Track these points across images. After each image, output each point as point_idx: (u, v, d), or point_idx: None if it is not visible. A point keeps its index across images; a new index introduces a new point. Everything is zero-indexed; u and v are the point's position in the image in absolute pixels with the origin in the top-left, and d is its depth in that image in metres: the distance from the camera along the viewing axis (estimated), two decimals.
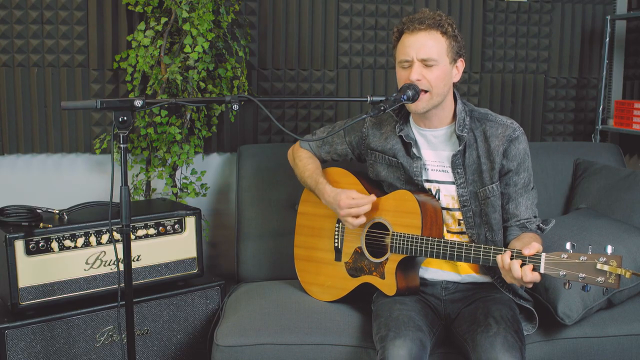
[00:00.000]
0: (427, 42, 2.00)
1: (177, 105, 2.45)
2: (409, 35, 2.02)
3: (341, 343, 2.11)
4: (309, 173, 2.33)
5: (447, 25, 2.02)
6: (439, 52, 2.01)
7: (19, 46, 2.72)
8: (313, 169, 2.34)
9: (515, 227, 2.10)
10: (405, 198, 2.11)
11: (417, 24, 2.00)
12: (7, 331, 2.10)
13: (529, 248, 1.79)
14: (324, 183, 2.26)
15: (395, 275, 2.10)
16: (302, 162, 2.37)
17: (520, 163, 2.08)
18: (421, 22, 2.00)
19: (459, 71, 2.09)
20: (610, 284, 1.66)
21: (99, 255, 2.27)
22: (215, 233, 3.02)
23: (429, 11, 2.05)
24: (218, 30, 2.73)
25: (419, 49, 2.00)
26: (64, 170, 2.89)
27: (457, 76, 2.09)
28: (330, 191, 2.22)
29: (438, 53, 2.00)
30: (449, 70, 2.05)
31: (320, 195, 2.27)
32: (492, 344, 1.84)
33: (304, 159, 2.38)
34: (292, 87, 2.99)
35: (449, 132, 2.13)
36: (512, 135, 2.07)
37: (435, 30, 2.00)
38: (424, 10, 2.06)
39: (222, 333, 2.14)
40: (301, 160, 2.38)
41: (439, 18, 2.02)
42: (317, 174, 2.31)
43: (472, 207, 2.11)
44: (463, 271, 2.15)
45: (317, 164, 2.37)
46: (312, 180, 2.31)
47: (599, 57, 3.23)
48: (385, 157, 2.22)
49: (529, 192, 2.11)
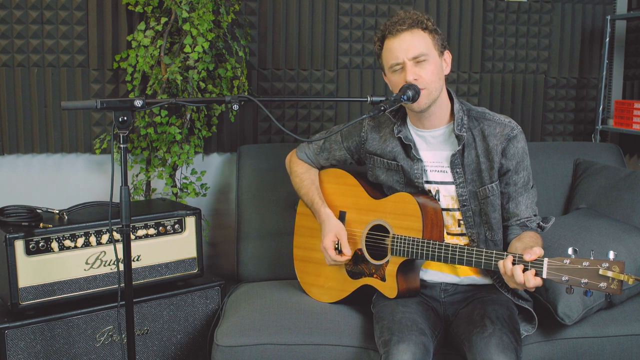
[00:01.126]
0: (412, 41, 2.01)
1: (177, 105, 2.45)
2: (393, 38, 2.03)
3: (341, 343, 2.10)
4: (305, 190, 2.36)
5: (426, 20, 2.04)
6: (427, 47, 2.02)
7: (19, 46, 2.72)
8: (309, 185, 2.36)
9: (516, 226, 2.10)
10: (406, 200, 2.11)
11: (399, 25, 2.02)
12: (7, 331, 2.10)
13: (530, 253, 1.78)
14: (319, 204, 2.29)
15: (396, 277, 2.10)
16: (298, 177, 2.39)
17: (519, 162, 2.09)
18: (402, 24, 2.02)
19: (447, 63, 2.11)
20: (612, 289, 1.66)
21: (99, 255, 2.27)
22: (215, 233, 3.02)
23: (403, 12, 2.07)
24: (218, 30, 2.73)
25: (408, 49, 2.01)
26: (64, 170, 2.89)
27: (447, 68, 2.11)
28: (324, 217, 2.26)
29: (427, 48, 2.02)
30: (439, 63, 2.06)
31: (316, 215, 2.31)
32: (487, 345, 1.84)
33: (300, 175, 2.39)
34: (292, 87, 2.99)
35: (447, 132, 2.13)
36: (510, 134, 2.07)
37: (417, 28, 2.02)
38: (398, 13, 2.07)
39: (222, 333, 2.14)
40: (297, 175, 2.40)
41: (415, 16, 2.04)
42: (313, 192, 2.33)
43: (471, 207, 2.11)
44: (462, 273, 2.15)
45: (312, 177, 2.38)
46: (307, 198, 2.35)
47: (599, 57, 3.23)
48: (384, 162, 2.22)
49: (528, 191, 2.11)
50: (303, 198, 2.37)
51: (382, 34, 2.07)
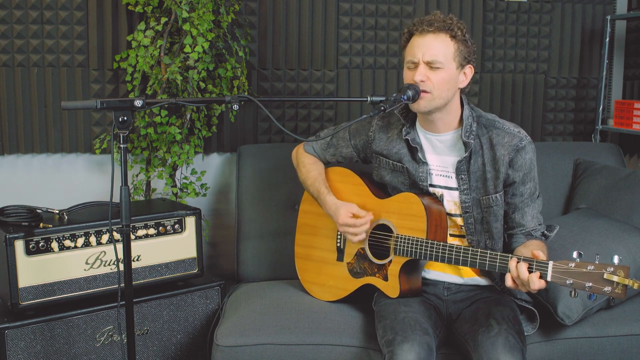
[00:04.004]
0: (434, 45, 1.98)
1: (177, 105, 2.45)
2: (418, 37, 2.01)
3: (341, 343, 2.10)
4: (312, 181, 2.32)
5: (457, 29, 2.00)
6: (445, 56, 1.98)
7: (19, 46, 2.72)
8: (315, 175, 2.33)
9: (521, 235, 2.10)
10: (411, 201, 2.11)
11: (426, 25, 1.99)
12: (7, 331, 2.10)
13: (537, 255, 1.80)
14: (325, 193, 2.26)
15: (399, 277, 2.10)
16: (305, 168, 2.36)
17: (526, 173, 2.06)
18: (430, 24, 1.99)
19: (466, 77, 2.05)
20: (617, 294, 1.66)
21: (99, 255, 2.27)
22: (215, 233, 3.02)
23: (441, 14, 2.03)
24: (218, 30, 2.73)
25: (426, 51, 1.98)
26: (64, 170, 2.88)
27: (464, 82, 2.05)
28: (332, 203, 2.22)
29: (444, 56, 1.98)
30: (454, 74, 2.02)
31: (322, 205, 2.27)
32: (494, 345, 1.84)
33: (307, 165, 2.37)
34: (292, 87, 2.99)
35: (455, 138, 2.11)
36: (518, 145, 2.04)
37: (444, 33, 1.99)
38: (435, 13, 2.04)
39: (222, 333, 2.14)
40: (305, 166, 2.37)
41: (449, 22, 2.00)
42: (319, 183, 2.30)
43: (473, 214, 2.10)
44: (466, 274, 2.14)
45: (320, 169, 2.36)
46: (314, 189, 2.31)
47: (599, 57, 3.23)
48: (389, 162, 2.21)
49: (534, 202, 2.10)
50: (310, 189, 2.34)
51: (411, 28, 2.04)
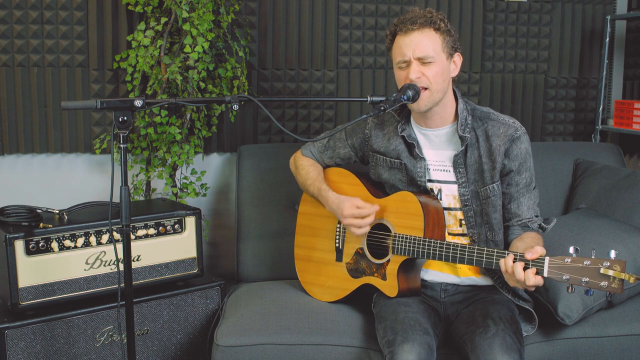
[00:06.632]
0: (421, 41, 2.00)
1: (177, 105, 2.45)
2: (403, 36, 2.03)
3: (341, 343, 2.11)
4: (311, 181, 2.32)
5: (439, 21, 2.02)
6: (434, 49, 2.01)
7: (19, 46, 2.72)
8: (315, 175, 2.33)
9: (517, 227, 2.10)
10: (408, 199, 2.11)
11: (410, 24, 2.01)
12: (7, 331, 2.10)
13: (532, 252, 1.78)
14: (326, 190, 2.25)
15: (397, 276, 2.10)
16: (304, 169, 2.36)
17: (522, 163, 2.08)
18: (413, 22, 2.01)
19: (456, 66, 2.10)
20: (613, 288, 1.66)
21: (99, 255, 2.27)
22: (215, 233, 3.02)
23: (419, 10, 2.06)
24: (218, 30, 2.73)
25: (415, 48, 2.00)
26: (64, 170, 2.89)
27: (455, 71, 2.09)
28: (334, 198, 2.21)
29: (434, 50, 2.01)
30: (446, 65, 2.05)
31: (324, 202, 2.26)
32: (491, 345, 1.84)
33: (306, 167, 2.37)
34: (292, 87, 2.99)
35: (451, 132, 2.13)
36: (513, 134, 2.07)
37: (428, 28, 2.01)
38: (413, 10, 2.06)
39: (222, 333, 2.14)
40: (303, 168, 2.37)
41: (429, 15, 2.02)
42: (319, 181, 2.30)
43: (473, 207, 2.11)
44: (462, 274, 2.15)
45: (319, 170, 2.36)
46: (314, 188, 2.30)
47: (599, 57, 3.23)
48: (387, 160, 2.22)
49: (530, 192, 2.11)
50: (309, 188, 2.33)
51: (394, 29, 2.06)
